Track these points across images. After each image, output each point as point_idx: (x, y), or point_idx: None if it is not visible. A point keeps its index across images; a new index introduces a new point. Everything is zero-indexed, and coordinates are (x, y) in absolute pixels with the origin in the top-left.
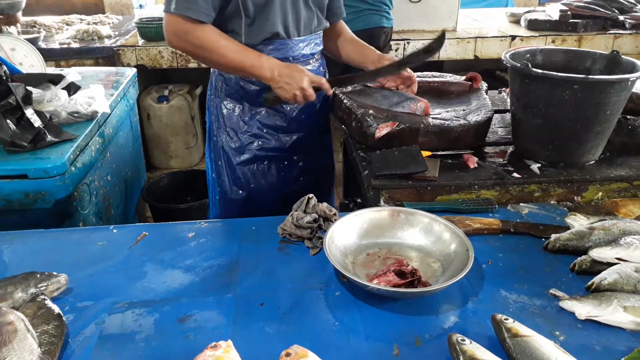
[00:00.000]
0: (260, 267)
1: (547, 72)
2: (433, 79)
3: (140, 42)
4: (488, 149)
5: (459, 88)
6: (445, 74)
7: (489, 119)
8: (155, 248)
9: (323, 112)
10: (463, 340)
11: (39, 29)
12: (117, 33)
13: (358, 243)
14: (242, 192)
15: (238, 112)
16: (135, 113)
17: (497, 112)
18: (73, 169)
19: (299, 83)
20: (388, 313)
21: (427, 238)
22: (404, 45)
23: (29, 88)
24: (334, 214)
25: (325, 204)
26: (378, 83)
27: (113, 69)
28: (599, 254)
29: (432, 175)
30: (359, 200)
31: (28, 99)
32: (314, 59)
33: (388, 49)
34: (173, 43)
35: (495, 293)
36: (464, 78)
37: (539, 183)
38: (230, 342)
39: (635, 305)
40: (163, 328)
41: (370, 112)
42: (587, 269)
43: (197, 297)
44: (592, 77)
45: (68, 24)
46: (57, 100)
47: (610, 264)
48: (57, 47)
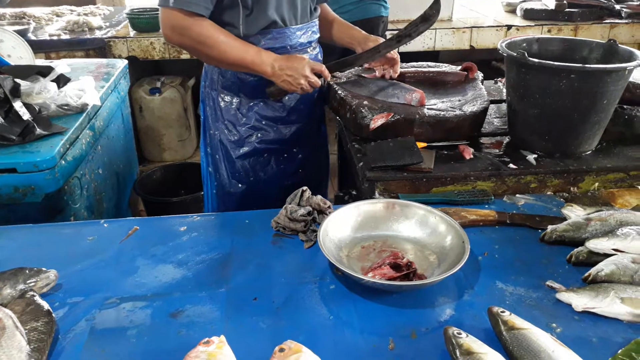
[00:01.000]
0: (254, 261)
1: (543, 61)
2: (428, 69)
3: (132, 33)
4: (484, 140)
5: (455, 78)
6: (441, 64)
7: (485, 110)
8: (147, 242)
9: (320, 101)
10: (459, 334)
11: (29, 20)
12: (108, 24)
13: (353, 236)
14: (241, 185)
15: (236, 104)
16: (127, 105)
17: (493, 102)
18: (63, 163)
19: (302, 72)
20: (383, 306)
21: (422, 230)
22: None
23: (17, 80)
24: (329, 207)
25: (320, 197)
26: (374, 73)
27: (104, 61)
28: (596, 245)
29: (427, 167)
30: (354, 192)
31: (16, 92)
32: (312, 47)
33: (385, 38)
34: (171, 39)
35: (492, 285)
36: (460, 68)
37: (535, 174)
38: (223, 337)
39: (633, 297)
40: (155, 324)
41: (365, 103)
42: (583, 260)
43: (189, 292)
44: (589, 66)
45: (58, 15)
46: (46, 93)
47: (607, 255)
48: (47, 38)
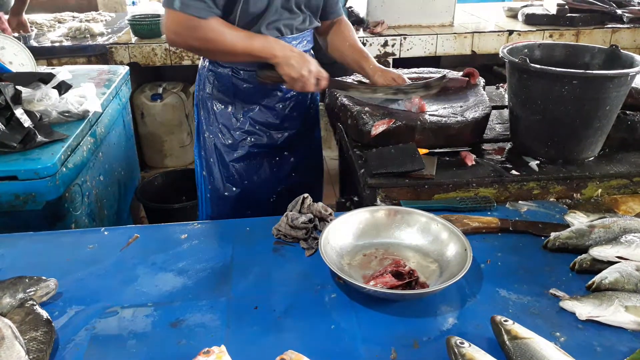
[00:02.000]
0: (255, 269)
1: (545, 67)
2: (430, 75)
3: (134, 39)
4: (486, 146)
5: (456, 84)
6: (443, 70)
7: (487, 116)
8: (147, 250)
9: (312, 107)
10: (462, 343)
11: (31, 27)
12: (109, 30)
13: (354, 243)
14: (235, 189)
15: (230, 109)
16: (128, 112)
17: (494, 108)
18: (64, 170)
19: (308, 65)
20: (385, 315)
21: (424, 238)
22: (401, 41)
23: (19, 87)
24: (330, 214)
25: (321, 204)
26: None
27: (105, 67)
28: (600, 253)
29: (429, 173)
30: (356, 199)
31: (17, 99)
32: None
33: None
34: (175, 41)
35: (494, 294)
36: (461, 74)
37: (538, 180)
38: (224, 347)
39: (637, 305)
40: (155, 333)
41: (366, 109)
42: (587, 268)
43: (189, 300)
44: (591, 72)
45: (60, 22)
46: (47, 100)
47: (611, 263)
48: (48, 45)
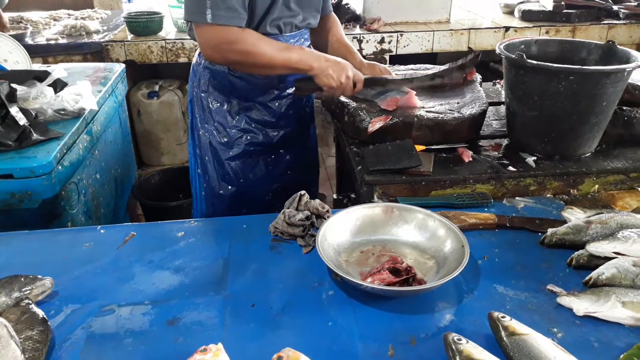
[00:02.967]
0: (252, 266)
1: (542, 63)
2: (426, 72)
3: (130, 37)
4: (483, 142)
5: (453, 80)
6: (438, 66)
7: (484, 112)
8: (144, 248)
9: (308, 105)
10: (459, 340)
11: (26, 25)
12: (105, 28)
13: (351, 240)
14: (230, 187)
15: (226, 107)
16: (125, 109)
17: (491, 104)
18: (60, 168)
19: (346, 71)
20: (383, 312)
21: (421, 234)
22: (397, 38)
23: (14, 85)
24: (327, 211)
25: (318, 201)
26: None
27: (101, 65)
28: (597, 249)
29: (426, 170)
30: (353, 196)
31: (13, 97)
32: None
33: None
34: (213, 57)
35: (492, 290)
36: None
37: (535, 176)
38: (221, 345)
39: (634, 301)
40: (152, 331)
41: (363, 106)
42: (584, 264)
43: (186, 298)
44: (587, 67)
45: (56, 20)
46: (42, 98)
47: (608, 258)
48: (44, 42)
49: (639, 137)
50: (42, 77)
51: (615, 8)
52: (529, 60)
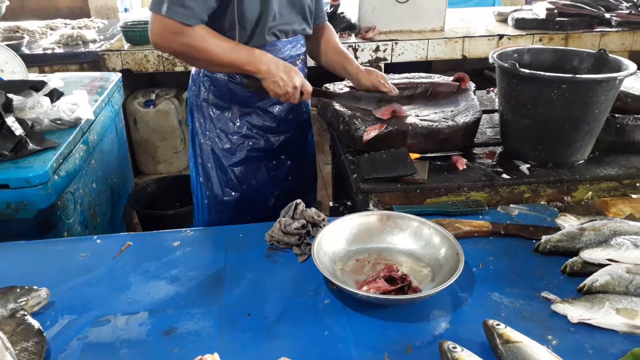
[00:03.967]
0: (248, 275)
1: (534, 71)
2: (421, 80)
3: (126, 46)
4: (477, 150)
5: (447, 89)
6: (433, 75)
7: (478, 120)
8: (140, 258)
9: (305, 111)
10: (454, 348)
11: (22, 34)
12: (102, 37)
13: (347, 249)
14: (234, 193)
15: (227, 113)
16: (121, 118)
17: (485, 112)
18: (56, 178)
19: (294, 81)
20: (378, 320)
21: (416, 242)
22: (392, 46)
23: (10, 95)
24: (323, 220)
25: (314, 209)
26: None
27: (97, 74)
28: (590, 256)
29: (421, 178)
30: (349, 204)
31: (9, 107)
32: (300, 60)
33: None
34: (159, 45)
35: (487, 297)
36: (452, 79)
37: (529, 184)
38: (217, 355)
39: (628, 307)
40: (148, 342)
41: (358, 114)
42: (578, 271)
43: (182, 308)
44: (579, 76)
45: (52, 29)
46: (39, 108)
47: (602, 265)
48: (40, 52)
49: (631, 144)
50: (38, 87)
51: (608, 16)
52: (522, 69)
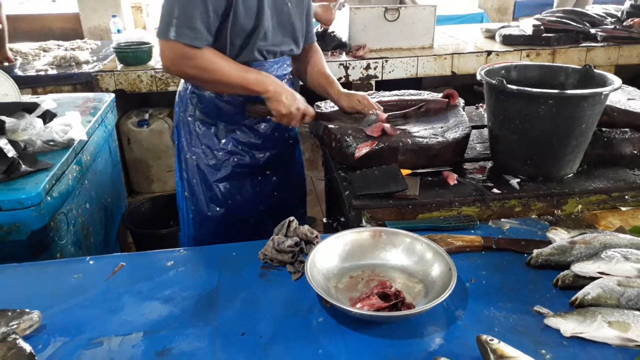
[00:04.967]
0: (241, 295)
1: (521, 88)
2: (410, 97)
3: (119, 66)
4: (467, 165)
5: (437, 105)
6: (423, 92)
7: (467, 136)
8: (133, 279)
9: (292, 128)
10: None
11: (15, 56)
12: (95, 58)
13: (340, 266)
14: (219, 209)
15: (213, 130)
16: (114, 139)
17: (474, 127)
18: (49, 199)
19: (297, 103)
20: (373, 338)
21: (409, 258)
22: (382, 63)
23: (3, 117)
24: (316, 237)
25: (307, 227)
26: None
27: (91, 95)
28: (581, 269)
29: (412, 194)
30: (343, 219)
31: (1, 129)
32: (286, 79)
33: None
34: (171, 69)
35: (480, 312)
36: (441, 95)
37: (519, 198)
38: None
39: (620, 320)
40: None
41: (350, 132)
42: (570, 284)
43: (176, 329)
44: (566, 92)
45: (45, 50)
46: (31, 129)
47: (593, 278)
48: (33, 74)
49: (619, 157)
50: (31, 108)
51: (593, 31)
52: (509, 86)
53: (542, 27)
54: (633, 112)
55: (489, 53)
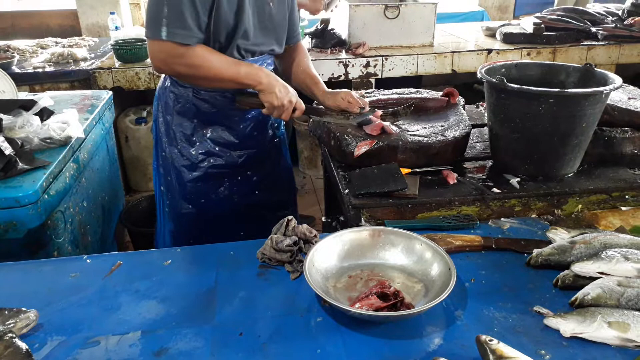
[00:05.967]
0: (239, 294)
1: (522, 86)
2: (410, 95)
3: (117, 64)
4: (467, 164)
5: (437, 104)
6: (423, 90)
7: (467, 135)
8: (130, 277)
9: (275, 125)
10: None
11: (12, 54)
12: (93, 55)
13: (339, 265)
14: (191, 207)
15: (190, 129)
16: (112, 136)
17: (475, 126)
18: (46, 197)
19: (290, 95)
20: (371, 338)
21: (408, 258)
22: (382, 61)
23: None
24: (315, 236)
25: (305, 226)
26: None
27: (88, 93)
28: (581, 269)
29: (412, 193)
30: (342, 218)
31: None
32: None
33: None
34: (162, 69)
35: (479, 312)
36: (441, 94)
37: (519, 197)
38: None
39: (620, 320)
40: None
41: (349, 130)
42: (570, 284)
43: (173, 328)
44: (566, 90)
45: (43, 48)
46: (29, 127)
47: (593, 278)
48: (31, 71)
49: (619, 156)
50: (28, 106)
51: (594, 30)
52: (510, 84)
53: (542, 25)
54: (634, 111)
55: (490, 51)
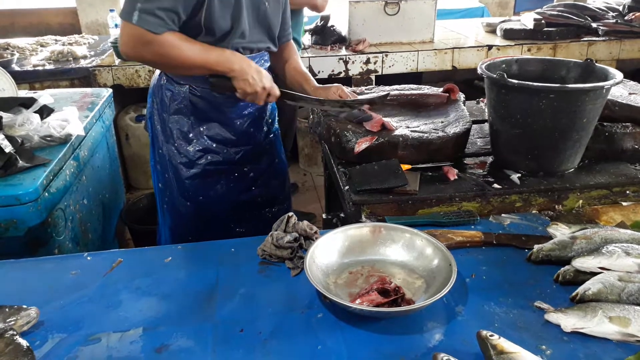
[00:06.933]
0: (240, 291)
1: (522, 82)
2: (411, 92)
3: (117, 61)
4: (468, 160)
5: (437, 100)
6: (423, 86)
7: (468, 131)
8: (131, 275)
9: (270, 122)
10: None
11: (12, 51)
12: (93, 53)
13: (340, 261)
14: (190, 204)
15: (187, 127)
16: (112, 134)
17: (475, 122)
18: (46, 195)
19: (264, 82)
20: (372, 334)
21: (409, 254)
22: (382, 58)
23: (0, 113)
24: (315, 232)
25: (306, 222)
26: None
27: (88, 90)
28: (582, 264)
29: (412, 189)
30: (342, 215)
31: None
32: None
33: None
34: (129, 55)
35: (480, 308)
36: (442, 90)
37: (520, 193)
38: None
39: (620, 315)
40: None
41: (349, 127)
42: (570, 280)
43: (174, 325)
44: (567, 86)
45: (43, 45)
46: (29, 124)
47: (594, 274)
48: (31, 69)
49: (620, 151)
50: (28, 103)
51: (594, 25)
52: (510, 80)
53: (543, 21)
54: (634, 106)
55: (490, 47)
